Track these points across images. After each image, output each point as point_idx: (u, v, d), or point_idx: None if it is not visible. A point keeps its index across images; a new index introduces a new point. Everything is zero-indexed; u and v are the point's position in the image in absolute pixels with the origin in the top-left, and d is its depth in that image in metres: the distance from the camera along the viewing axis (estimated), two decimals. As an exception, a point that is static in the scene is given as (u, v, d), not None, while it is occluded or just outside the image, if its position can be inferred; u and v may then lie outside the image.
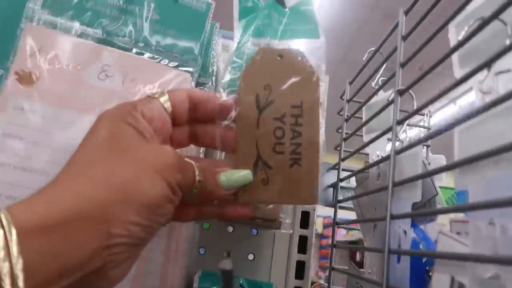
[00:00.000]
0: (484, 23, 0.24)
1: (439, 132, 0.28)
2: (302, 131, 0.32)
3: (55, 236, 0.20)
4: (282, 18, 0.39)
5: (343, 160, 0.51)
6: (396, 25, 0.38)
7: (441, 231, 0.26)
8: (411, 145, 0.32)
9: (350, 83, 0.53)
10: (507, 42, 0.24)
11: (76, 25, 0.35)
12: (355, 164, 0.55)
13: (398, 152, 0.34)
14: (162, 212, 0.25)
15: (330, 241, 0.47)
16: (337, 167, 0.52)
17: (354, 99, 0.52)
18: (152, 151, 0.26)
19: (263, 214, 0.40)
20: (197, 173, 0.28)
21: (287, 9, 0.41)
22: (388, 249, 0.32)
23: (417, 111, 0.33)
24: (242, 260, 0.50)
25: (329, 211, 0.50)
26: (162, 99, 0.29)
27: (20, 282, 0.18)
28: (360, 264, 0.50)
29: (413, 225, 0.36)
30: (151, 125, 0.28)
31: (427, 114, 0.61)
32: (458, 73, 0.28)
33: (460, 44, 0.27)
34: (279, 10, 0.41)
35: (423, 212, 0.30)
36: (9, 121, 0.31)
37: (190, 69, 0.37)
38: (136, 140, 0.26)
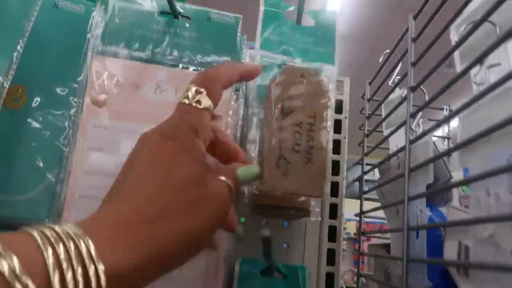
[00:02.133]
0: (476, 25, 0.29)
1: (445, 120, 0.32)
2: (314, 136, 0.39)
3: (135, 279, 0.23)
4: (305, 36, 0.45)
5: (366, 155, 0.55)
6: (407, 30, 0.43)
7: (451, 206, 0.30)
8: (423, 134, 0.37)
9: (370, 83, 0.58)
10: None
11: (130, 51, 0.42)
12: (378, 159, 0.59)
13: (412, 141, 0.39)
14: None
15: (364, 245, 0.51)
16: (361, 162, 0.56)
17: (374, 98, 0.57)
18: (212, 194, 0.27)
19: (296, 204, 0.45)
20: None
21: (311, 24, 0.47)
22: (407, 226, 0.37)
23: (426, 104, 0.37)
24: (276, 249, 0.55)
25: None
26: (208, 106, 0.30)
27: None
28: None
29: (431, 207, 0.40)
30: (205, 145, 0.30)
31: (446, 109, 0.65)
32: (460, 69, 0.33)
33: (459, 44, 0.31)
34: (301, 27, 0.47)
35: (433, 190, 0.34)
36: (90, 137, 0.38)
37: None
38: (200, 180, 0.27)
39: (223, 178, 0.29)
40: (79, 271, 0.20)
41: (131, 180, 0.26)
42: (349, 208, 0.64)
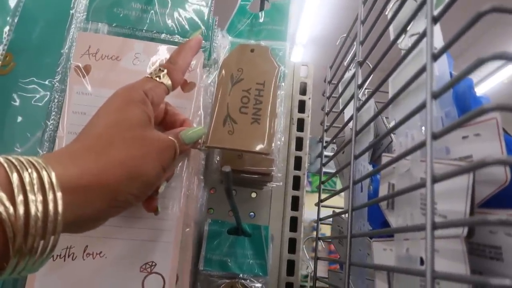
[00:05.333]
0: (401, 3, 0.35)
1: (380, 84, 0.38)
2: (263, 101, 0.45)
3: (80, 196, 0.27)
4: (260, 17, 0.52)
5: (326, 131, 0.61)
6: (357, 17, 0.49)
7: (383, 154, 0.36)
8: (366, 100, 0.42)
9: (330, 67, 0.64)
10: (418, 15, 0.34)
11: (111, 26, 0.46)
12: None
13: (358, 109, 0.44)
14: (153, 187, 0.34)
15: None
16: (321, 139, 0.62)
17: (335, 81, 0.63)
18: (155, 137, 0.34)
19: (258, 168, 0.50)
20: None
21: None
22: (352, 181, 0.42)
23: (370, 74, 0.43)
24: (244, 218, 0.60)
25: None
26: (166, 82, 0.37)
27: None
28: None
29: (374, 165, 0.46)
30: (154, 111, 0.35)
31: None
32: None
33: (391, 20, 0.37)
34: (261, 12, 0.54)
35: (371, 145, 0.39)
36: (75, 102, 0.43)
37: (202, 48, 0.48)
38: (144, 124, 0.33)
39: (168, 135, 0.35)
40: (40, 195, 0.24)
41: (88, 124, 0.32)
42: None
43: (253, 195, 0.61)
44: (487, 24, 2.86)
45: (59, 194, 0.25)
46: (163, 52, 0.46)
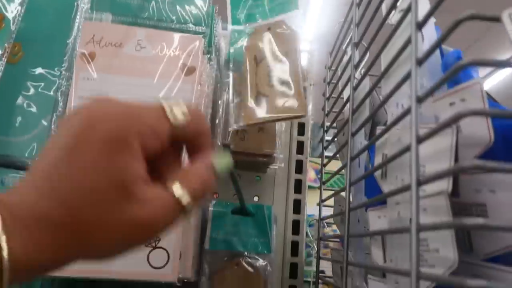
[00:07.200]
0: (391, -21, 0.36)
1: (374, 61, 0.39)
2: (287, 70, 0.48)
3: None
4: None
5: (327, 115, 0.62)
6: (352, 4, 0.50)
7: (377, 127, 0.37)
8: (362, 78, 0.44)
9: (330, 53, 0.65)
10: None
11: (115, 16, 0.48)
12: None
13: (355, 88, 0.46)
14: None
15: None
16: (323, 123, 0.63)
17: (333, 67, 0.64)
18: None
19: (260, 150, 0.52)
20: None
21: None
22: (350, 157, 0.44)
23: (365, 53, 0.44)
24: (249, 201, 0.62)
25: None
26: (178, 119, 0.25)
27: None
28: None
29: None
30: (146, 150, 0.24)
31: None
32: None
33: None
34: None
35: (367, 120, 0.41)
36: (80, 87, 0.45)
37: (202, 34, 0.51)
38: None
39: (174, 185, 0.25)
40: None
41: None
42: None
43: (257, 178, 0.63)
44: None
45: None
46: (164, 39, 0.48)
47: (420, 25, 0.28)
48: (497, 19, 0.22)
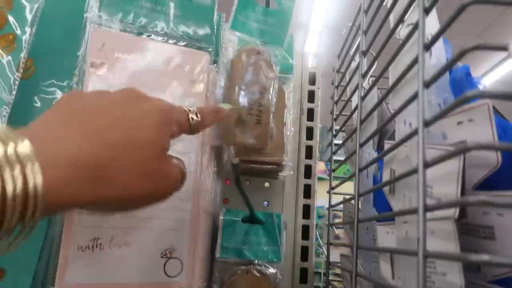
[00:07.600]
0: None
1: (381, 74, 0.39)
2: (263, 103, 0.51)
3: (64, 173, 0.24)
4: (264, 17, 0.56)
5: (335, 120, 0.62)
6: (360, 7, 0.50)
7: (386, 141, 0.37)
8: (370, 89, 0.44)
9: (338, 56, 0.65)
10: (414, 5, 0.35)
11: (123, 25, 0.48)
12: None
13: (363, 97, 0.46)
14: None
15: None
16: (331, 128, 0.63)
17: (342, 69, 0.63)
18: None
19: (270, 158, 0.52)
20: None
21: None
22: (358, 168, 0.44)
23: (373, 62, 0.44)
24: (258, 207, 0.62)
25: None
26: (194, 119, 0.36)
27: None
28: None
29: (379, 152, 0.47)
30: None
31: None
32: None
33: (390, 9, 0.38)
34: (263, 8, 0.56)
35: (374, 133, 0.40)
36: None
37: (209, 49, 0.52)
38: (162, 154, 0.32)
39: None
40: (17, 169, 0.21)
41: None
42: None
43: (266, 184, 0.63)
44: (488, 20, 2.79)
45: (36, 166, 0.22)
46: (173, 52, 0.48)
47: (427, 46, 0.28)
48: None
